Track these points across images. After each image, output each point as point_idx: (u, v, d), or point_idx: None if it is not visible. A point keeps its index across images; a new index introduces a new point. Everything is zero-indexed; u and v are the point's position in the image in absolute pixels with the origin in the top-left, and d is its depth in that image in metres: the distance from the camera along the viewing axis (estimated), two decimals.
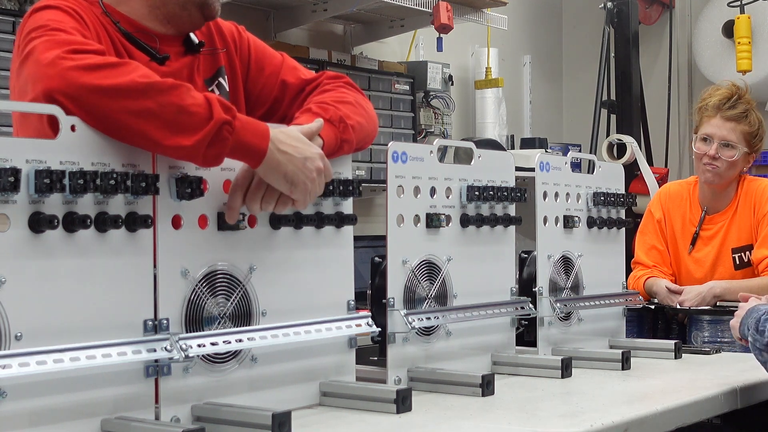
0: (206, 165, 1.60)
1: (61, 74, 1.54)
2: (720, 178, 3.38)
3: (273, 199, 1.70)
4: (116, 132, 1.52)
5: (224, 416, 1.61)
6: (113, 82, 1.53)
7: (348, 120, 1.88)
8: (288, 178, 1.68)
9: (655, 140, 5.58)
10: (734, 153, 3.34)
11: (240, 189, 1.69)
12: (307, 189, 1.70)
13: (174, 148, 1.55)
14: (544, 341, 2.34)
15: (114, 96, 1.52)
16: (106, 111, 1.52)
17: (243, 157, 1.64)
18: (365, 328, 1.89)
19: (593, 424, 1.69)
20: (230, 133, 1.58)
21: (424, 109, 4.71)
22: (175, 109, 1.54)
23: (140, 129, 1.52)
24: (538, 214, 2.33)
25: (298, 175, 1.69)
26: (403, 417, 1.74)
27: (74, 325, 1.47)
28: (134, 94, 1.53)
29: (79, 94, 1.52)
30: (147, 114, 1.53)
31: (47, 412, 1.44)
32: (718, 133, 3.36)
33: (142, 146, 1.55)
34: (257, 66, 2.08)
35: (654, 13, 6.05)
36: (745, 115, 3.36)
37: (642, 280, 3.46)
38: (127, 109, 1.52)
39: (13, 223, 1.40)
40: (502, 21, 4.75)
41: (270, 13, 4.32)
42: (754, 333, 1.99)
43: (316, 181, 1.72)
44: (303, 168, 1.69)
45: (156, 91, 1.54)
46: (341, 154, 1.88)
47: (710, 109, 3.39)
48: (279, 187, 1.68)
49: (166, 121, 1.53)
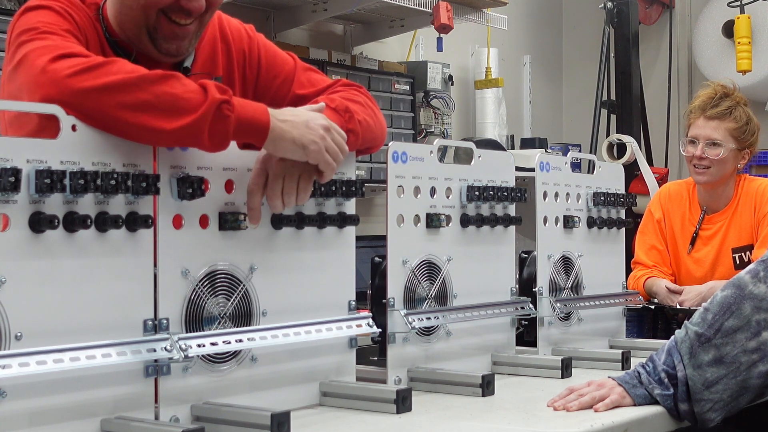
0: (214, 147, 1.59)
1: (55, 82, 1.54)
2: (712, 177, 3.39)
3: (292, 189, 1.70)
4: (117, 129, 1.52)
5: (224, 416, 1.60)
6: (105, 80, 1.53)
7: (355, 114, 1.87)
8: (297, 142, 1.66)
9: (655, 140, 5.58)
10: (720, 151, 3.35)
11: (257, 187, 1.69)
12: (320, 148, 1.68)
13: (177, 131, 1.54)
14: (544, 341, 2.34)
15: (108, 94, 1.52)
16: (103, 110, 1.51)
17: (248, 135, 1.63)
18: (366, 329, 1.89)
19: (593, 424, 1.69)
20: (230, 111, 1.57)
21: (424, 109, 4.71)
22: (170, 97, 1.54)
23: (139, 121, 1.52)
24: (538, 214, 2.33)
25: (306, 135, 1.67)
26: (403, 417, 1.74)
27: (74, 325, 1.47)
28: (127, 88, 1.53)
29: (74, 99, 1.52)
30: (143, 105, 1.52)
31: (47, 412, 1.44)
32: (702, 133, 3.38)
33: (146, 139, 1.55)
34: (268, 74, 2.06)
35: (654, 13, 6.05)
36: (729, 112, 3.37)
37: (642, 280, 3.46)
38: (122, 104, 1.52)
39: (14, 223, 1.40)
40: (502, 21, 4.75)
41: (270, 13, 4.32)
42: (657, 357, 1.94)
43: (326, 138, 1.70)
44: (308, 128, 1.68)
45: (148, 83, 1.54)
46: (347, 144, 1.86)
47: (695, 111, 3.41)
48: (292, 155, 1.67)
49: (163, 110, 1.53)
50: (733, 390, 1.81)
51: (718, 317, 1.82)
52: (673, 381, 1.83)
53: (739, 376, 1.81)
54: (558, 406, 1.81)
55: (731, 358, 1.81)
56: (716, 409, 1.81)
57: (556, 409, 1.80)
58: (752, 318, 1.81)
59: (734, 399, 1.82)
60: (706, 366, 1.81)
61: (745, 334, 1.81)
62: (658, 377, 1.84)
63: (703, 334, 1.83)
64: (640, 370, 1.87)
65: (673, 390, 1.82)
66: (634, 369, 1.89)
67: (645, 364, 1.88)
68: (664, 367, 1.84)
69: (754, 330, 1.81)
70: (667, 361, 1.85)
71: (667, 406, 1.82)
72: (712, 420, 1.82)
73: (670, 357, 1.85)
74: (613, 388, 1.84)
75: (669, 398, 1.82)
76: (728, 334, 1.82)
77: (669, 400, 1.82)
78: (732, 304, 1.82)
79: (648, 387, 1.84)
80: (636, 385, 1.85)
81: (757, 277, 1.82)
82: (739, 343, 1.81)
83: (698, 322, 1.85)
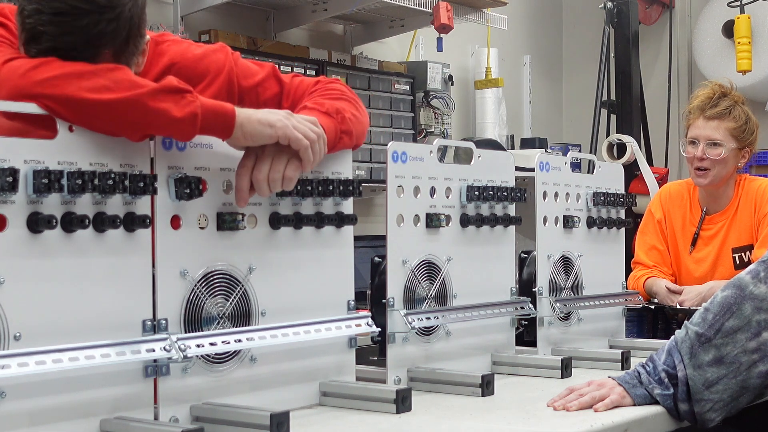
0: (183, 110, 1.55)
1: (16, 83, 1.52)
2: (713, 179, 3.38)
3: (279, 173, 1.70)
4: (83, 111, 1.50)
5: (223, 416, 1.60)
6: (64, 71, 1.52)
7: (344, 112, 1.87)
8: (263, 121, 1.67)
9: (655, 140, 5.58)
10: (721, 151, 3.35)
11: (245, 169, 1.69)
12: (286, 125, 1.69)
13: (142, 96, 1.52)
14: (544, 341, 2.34)
15: (69, 79, 1.50)
16: (67, 94, 1.49)
17: (216, 121, 1.61)
18: (365, 328, 1.89)
19: (593, 424, 1.68)
20: (194, 98, 1.57)
21: (424, 109, 4.71)
22: (128, 84, 1.53)
23: (100, 99, 1.50)
24: (538, 214, 2.33)
25: (270, 116, 1.68)
26: (403, 417, 1.74)
27: (73, 325, 1.46)
28: (87, 75, 1.52)
29: (35, 91, 1.50)
30: (103, 89, 1.51)
31: (46, 412, 1.44)
32: (702, 133, 3.38)
33: (115, 119, 1.52)
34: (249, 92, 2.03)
35: (654, 13, 6.05)
36: (728, 111, 3.37)
37: (642, 280, 3.46)
38: (85, 87, 1.50)
39: (12, 224, 1.40)
40: (502, 21, 4.75)
41: (270, 13, 4.32)
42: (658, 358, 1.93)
43: (290, 118, 1.71)
44: (270, 113, 1.70)
45: (105, 71, 1.53)
46: (342, 146, 1.86)
47: (694, 111, 3.41)
48: (261, 136, 1.66)
49: (122, 91, 1.52)
50: (734, 390, 1.81)
51: (718, 317, 1.82)
52: (673, 381, 1.83)
53: (740, 376, 1.81)
54: (558, 406, 1.81)
55: (731, 358, 1.81)
56: (716, 409, 1.81)
57: (556, 409, 1.80)
58: (753, 318, 1.81)
59: (734, 399, 1.82)
60: (706, 366, 1.81)
61: (746, 335, 1.81)
62: (658, 377, 1.84)
63: (704, 335, 1.83)
64: (640, 370, 1.87)
65: (673, 390, 1.82)
66: (634, 369, 1.89)
67: (645, 364, 1.88)
68: (665, 367, 1.84)
69: (754, 330, 1.81)
70: (668, 361, 1.85)
71: (667, 406, 1.82)
72: (712, 420, 1.81)
73: (671, 357, 1.85)
74: (613, 388, 1.84)
75: (669, 398, 1.82)
76: (729, 335, 1.82)
77: (669, 400, 1.82)
78: (732, 305, 1.82)
79: (648, 387, 1.84)
80: (636, 385, 1.84)
81: (758, 278, 1.82)
82: (740, 344, 1.81)
83: (698, 322, 1.84)
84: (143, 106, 1.52)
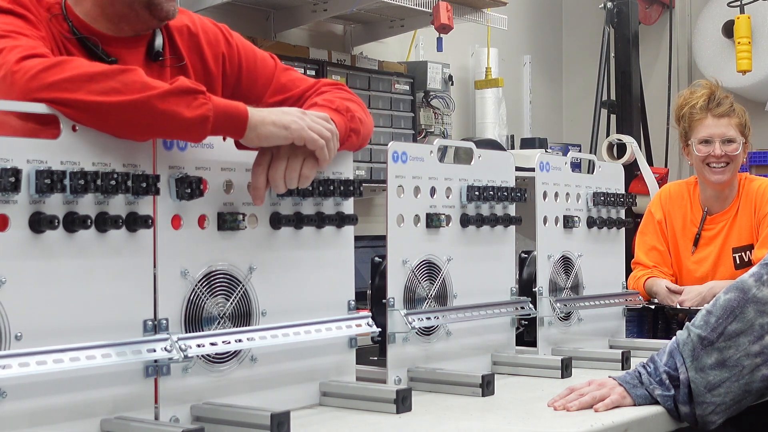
0: (195, 112, 1.55)
1: (26, 86, 1.52)
2: (731, 174, 3.43)
3: (296, 170, 1.70)
4: (92, 114, 1.50)
5: (223, 416, 1.60)
6: (75, 73, 1.52)
7: (354, 112, 1.89)
8: (278, 123, 1.67)
9: (655, 140, 5.58)
10: (737, 146, 3.41)
11: (261, 167, 1.69)
12: (301, 126, 1.69)
13: (152, 98, 1.52)
14: (544, 341, 2.34)
15: (79, 82, 1.51)
16: (76, 98, 1.49)
17: (228, 122, 1.61)
18: (365, 328, 1.89)
19: (593, 425, 1.69)
20: (206, 99, 1.57)
21: (424, 109, 4.71)
22: (139, 86, 1.53)
23: (108, 102, 1.50)
24: (538, 214, 2.33)
25: (284, 117, 1.69)
26: (403, 417, 1.74)
27: (74, 325, 1.47)
28: (98, 77, 1.52)
29: (46, 95, 1.50)
30: (113, 92, 1.51)
31: (47, 412, 1.44)
32: (717, 131, 3.40)
33: (124, 121, 1.52)
34: (249, 77, 2.07)
35: (654, 13, 6.05)
36: (732, 108, 3.43)
37: (642, 281, 3.46)
38: (94, 90, 1.50)
39: (14, 224, 1.40)
40: (502, 21, 4.75)
41: (270, 13, 4.32)
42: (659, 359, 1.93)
43: (305, 118, 1.72)
44: (283, 113, 1.70)
45: (117, 72, 1.54)
46: (349, 145, 1.87)
47: (699, 111, 3.42)
48: (276, 138, 1.66)
49: (132, 93, 1.52)
50: (736, 393, 1.81)
51: (721, 320, 1.82)
52: (674, 382, 1.83)
53: (742, 379, 1.81)
54: (558, 406, 1.81)
55: (734, 361, 1.81)
56: (718, 412, 1.81)
57: (556, 409, 1.80)
58: (756, 322, 1.81)
59: (736, 402, 1.82)
60: (708, 369, 1.81)
61: (749, 338, 1.81)
62: (660, 378, 1.84)
63: (706, 338, 1.82)
64: (640, 370, 1.87)
65: (675, 391, 1.82)
66: (635, 369, 1.89)
67: (646, 364, 1.88)
68: (666, 369, 1.84)
69: (757, 334, 1.80)
70: (669, 362, 1.85)
71: (667, 406, 1.82)
72: (713, 423, 1.81)
73: (672, 359, 1.85)
74: (614, 388, 1.84)
75: (669, 399, 1.82)
76: (731, 338, 1.81)
77: (669, 400, 1.82)
78: (735, 308, 1.82)
79: (649, 387, 1.84)
80: (636, 385, 1.84)
81: (761, 281, 1.82)
82: (743, 347, 1.81)
83: (701, 324, 1.84)
84: (153, 108, 1.52)
